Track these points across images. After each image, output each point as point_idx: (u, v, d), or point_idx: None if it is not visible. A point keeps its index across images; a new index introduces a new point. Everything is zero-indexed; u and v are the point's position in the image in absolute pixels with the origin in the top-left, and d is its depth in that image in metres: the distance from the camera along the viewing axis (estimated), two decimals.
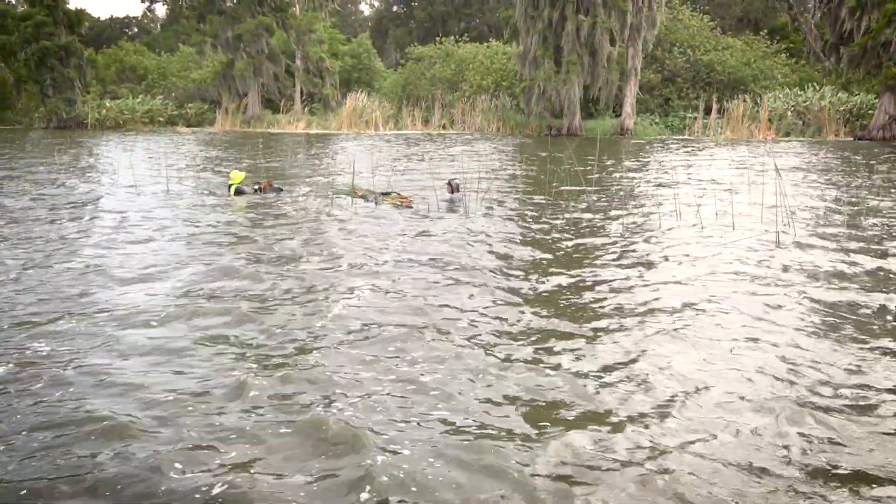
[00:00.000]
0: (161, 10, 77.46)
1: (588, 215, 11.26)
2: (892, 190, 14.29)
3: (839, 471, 3.51)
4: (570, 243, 9.07)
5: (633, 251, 8.61)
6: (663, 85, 39.64)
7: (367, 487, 3.29)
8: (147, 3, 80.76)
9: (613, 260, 8.16)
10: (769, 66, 39.74)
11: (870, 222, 10.40)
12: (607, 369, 4.79)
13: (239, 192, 12.95)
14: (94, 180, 16.15)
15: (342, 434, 3.77)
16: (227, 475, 3.39)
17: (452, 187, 11.81)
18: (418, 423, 3.94)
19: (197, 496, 3.25)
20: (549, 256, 8.36)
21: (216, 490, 3.27)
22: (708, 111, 36.05)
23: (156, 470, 3.42)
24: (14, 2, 44.86)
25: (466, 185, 12.26)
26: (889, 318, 5.91)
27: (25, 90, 42.87)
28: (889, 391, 4.42)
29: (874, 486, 3.40)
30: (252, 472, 3.44)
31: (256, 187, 13.40)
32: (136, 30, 78.08)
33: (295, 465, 3.53)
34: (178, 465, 3.47)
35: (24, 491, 3.28)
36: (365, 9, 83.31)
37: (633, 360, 4.93)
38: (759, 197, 11.09)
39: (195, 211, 11.58)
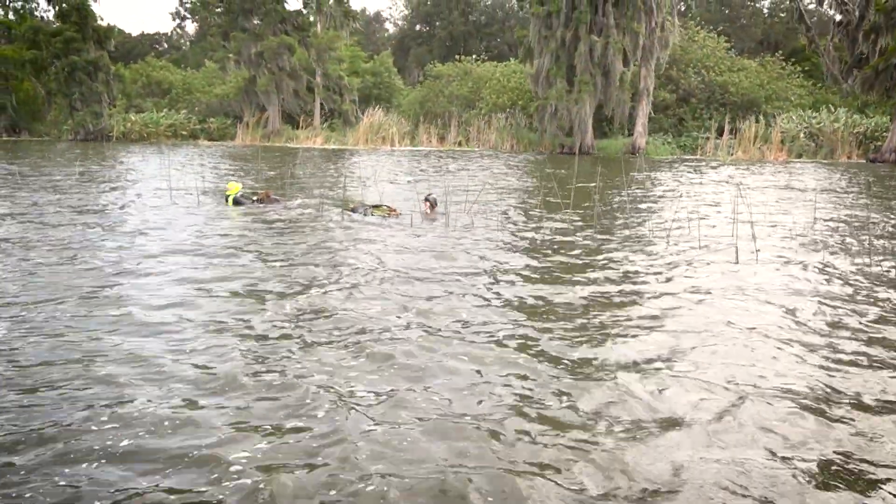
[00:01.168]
0: (191, 28, 79.61)
1: (560, 225, 11.66)
2: (882, 210, 14.45)
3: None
4: (529, 245, 9.49)
5: (591, 257, 8.98)
6: (677, 105, 39.90)
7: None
8: (177, 21, 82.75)
9: (565, 262, 8.55)
10: (783, 87, 39.83)
11: (832, 238, 10.65)
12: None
13: (237, 203, 13.52)
14: (103, 188, 16.84)
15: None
16: None
17: (430, 202, 12.27)
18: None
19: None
20: (509, 252, 8.85)
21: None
22: (721, 132, 36.24)
23: None
24: (52, 17, 46.01)
25: (447, 198, 12.72)
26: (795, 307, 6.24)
27: (55, 103, 44.19)
28: None
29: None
30: None
31: (255, 198, 13.97)
32: (165, 46, 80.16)
33: None
34: None
35: None
36: (390, 27, 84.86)
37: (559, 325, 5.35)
38: (736, 213, 11.40)
39: (190, 217, 12.14)
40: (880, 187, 20.01)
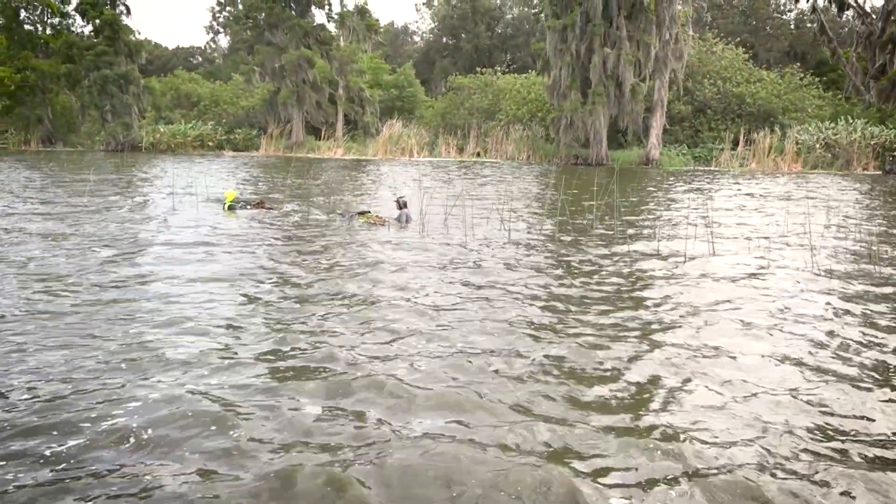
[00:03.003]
0: (224, 41, 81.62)
1: (523, 225, 12.17)
2: (848, 217, 14.62)
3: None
4: (478, 243, 10.02)
5: (541, 256, 9.46)
6: (694, 116, 39.99)
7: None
8: (210, 35, 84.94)
9: (507, 255, 9.05)
10: (800, 97, 39.68)
11: (785, 240, 10.96)
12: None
13: (232, 209, 14.28)
14: (111, 194, 17.76)
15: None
16: None
17: (400, 204, 12.85)
18: None
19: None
20: (461, 244, 9.38)
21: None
22: (736, 143, 36.27)
23: None
24: (89, 31, 47.33)
25: (424, 206, 13.31)
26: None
27: (89, 115, 45.87)
28: None
29: None
30: None
31: (248, 206, 14.73)
32: (199, 59, 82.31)
33: None
34: None
35: None
36: (418, 40, 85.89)
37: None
38: (711, 220, 11.77)
39: (186, 221, 12.89)
40: (867, 195, 20.06)
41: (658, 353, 5.62)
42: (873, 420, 4.40)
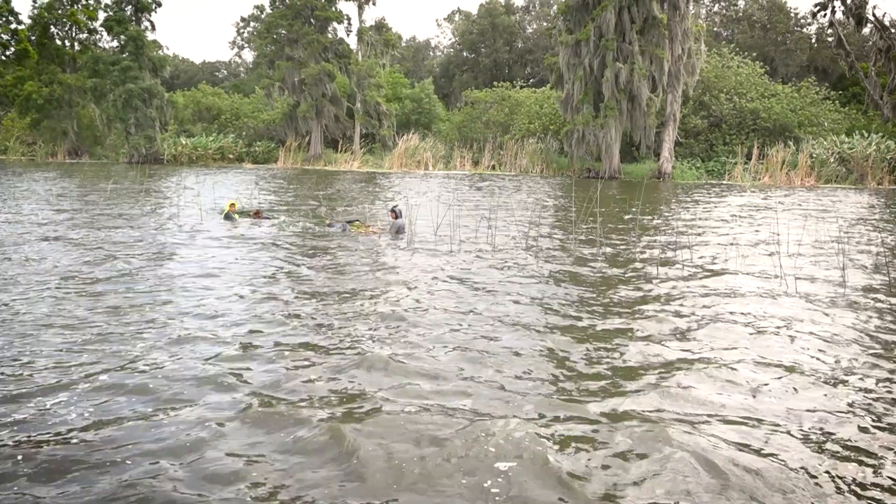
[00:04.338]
0: (249, 56, 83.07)
1: (512, 231, 12.44)
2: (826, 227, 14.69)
3: None
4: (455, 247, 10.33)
5: (516, 262, 9.75)
6: (709, 130, 39.94)
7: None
8: (235, 49, 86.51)
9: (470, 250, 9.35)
10: (816, 112, 39.47)
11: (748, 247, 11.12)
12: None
13: (228, 218, 14.76)
14: (118, 203, 18.38)
15: None
16: None
17: (396, 213, 13.15)
18: None
19: None
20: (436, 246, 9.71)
21: None
22: (750, 157, 36.18)
23: None
24: (116, 47, 48.32)
25: (414, 218, 13.67)
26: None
27: (114, 128, 47.00)
28: None
29: None
30: None
31: (249, 215, 15.23)
32: (224, 73, 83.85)
33: None
34: None
35: None
36: (439, 54, 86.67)
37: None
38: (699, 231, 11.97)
39: (188, 225, 13.39)
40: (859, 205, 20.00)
41: (614, 317, 5.94)
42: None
